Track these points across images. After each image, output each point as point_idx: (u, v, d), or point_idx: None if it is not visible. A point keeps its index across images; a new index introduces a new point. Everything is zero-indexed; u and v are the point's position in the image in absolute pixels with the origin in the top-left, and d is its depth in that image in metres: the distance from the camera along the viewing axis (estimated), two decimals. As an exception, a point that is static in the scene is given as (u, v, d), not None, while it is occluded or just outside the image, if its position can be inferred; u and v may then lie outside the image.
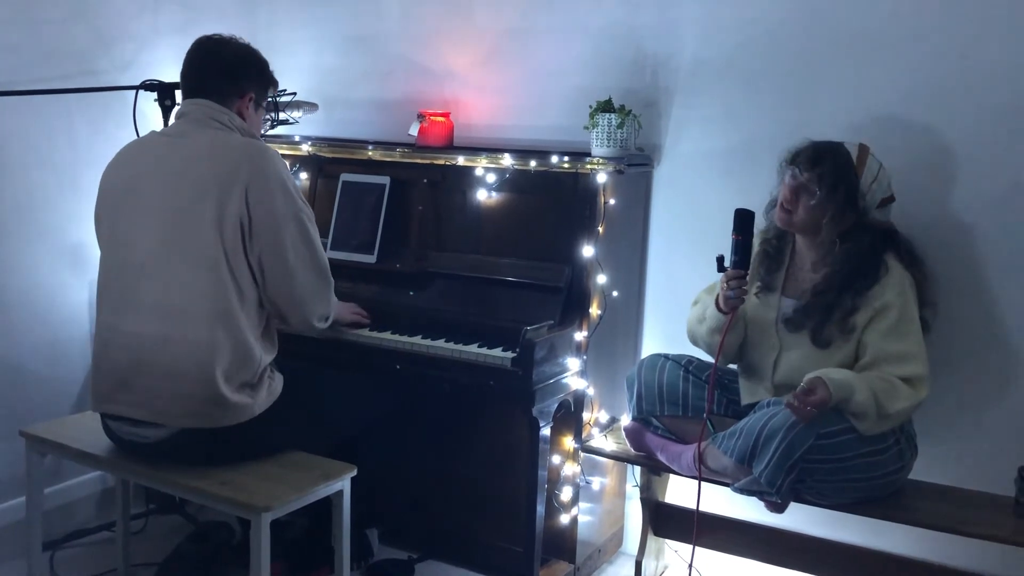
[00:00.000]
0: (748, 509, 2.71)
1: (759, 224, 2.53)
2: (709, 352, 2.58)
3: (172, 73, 2.56)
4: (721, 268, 2.46)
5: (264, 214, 2.30)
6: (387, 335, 2.76)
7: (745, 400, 2.61)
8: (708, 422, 2.53)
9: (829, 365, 2.42)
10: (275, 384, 2.43)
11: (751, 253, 2.48)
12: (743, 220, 2.44)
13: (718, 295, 2.49)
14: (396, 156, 3.09)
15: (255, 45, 2.53)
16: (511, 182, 2.90)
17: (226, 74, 2.44)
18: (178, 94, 2.65)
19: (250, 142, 2.39)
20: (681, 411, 2.60)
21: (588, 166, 2.77)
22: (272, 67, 2.56)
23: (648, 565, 2.84)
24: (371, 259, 3.01)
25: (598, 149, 2.83)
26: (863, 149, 2.45)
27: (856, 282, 2.41)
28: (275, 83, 2.61)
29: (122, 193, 2.38)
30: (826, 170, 2.40)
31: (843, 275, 2.42)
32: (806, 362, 2.46)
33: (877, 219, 2.45)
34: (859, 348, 2.42)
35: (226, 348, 2.28)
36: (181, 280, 2.28)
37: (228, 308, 2.28)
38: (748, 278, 2.48)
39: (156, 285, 2.29)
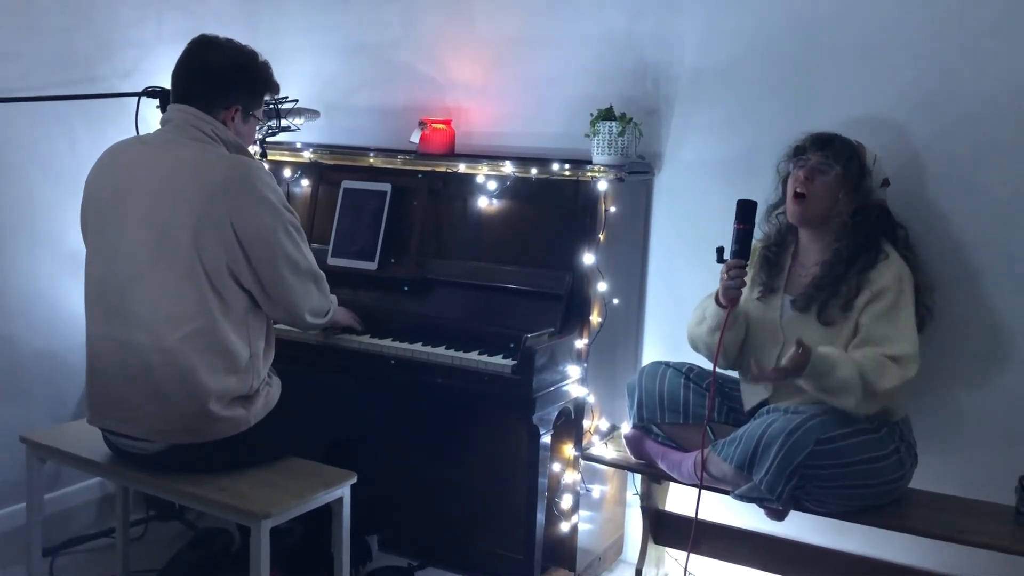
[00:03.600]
0: (748, 517, 2.70)
1: (756, 234, 2.54)
2: (709, 354, 2.59)
3: (174, 80, 2.56)
4: (721, 259, 2.47)
5: (253, 233, 2.27)
6: (388, 342, 2.76)
7: (747, 403, 2.61)
8: (708, 429, 2.53)
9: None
10: (272, 392, 2.43)
11: (752, 243, 2.49)
12: (746, 209, 2.46)
13: (718, 290, 2.50)
14: (397, 163, 3.09)
15: (257, 51, 2.49)
16: (512, 189, 2.90)
17: (213, 83, 2.37)
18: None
19: (234, 160, 2.33)
20: (682, 419, 2.60)
21: (589, 174, 2.78)
22: (274, 73, 2.52)
23: (648, 573, 2.83)
24: (372, 266, 3.01)
25: (599, 157, 2.84)
26: (859, 143, 2.52)
27: (860, 257, 2.44)
28: (275, 88, 2.55)
29: (106, 203, 2.35)
30: (837, 148, 2.47)
31: (850, 249, 2.45)
32: None
33: (880, 198, 2.52)
34: (856, 331, 2.43)
35: (213, 363, 2.26)
36: (166, 293, 2.26)
37: (212, 322, 2.26)
38: (748, 278, 2.50)
39: (143, 296, 2.27)
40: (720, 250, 2.47)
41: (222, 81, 2.38)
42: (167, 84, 2.97)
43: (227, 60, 2.40)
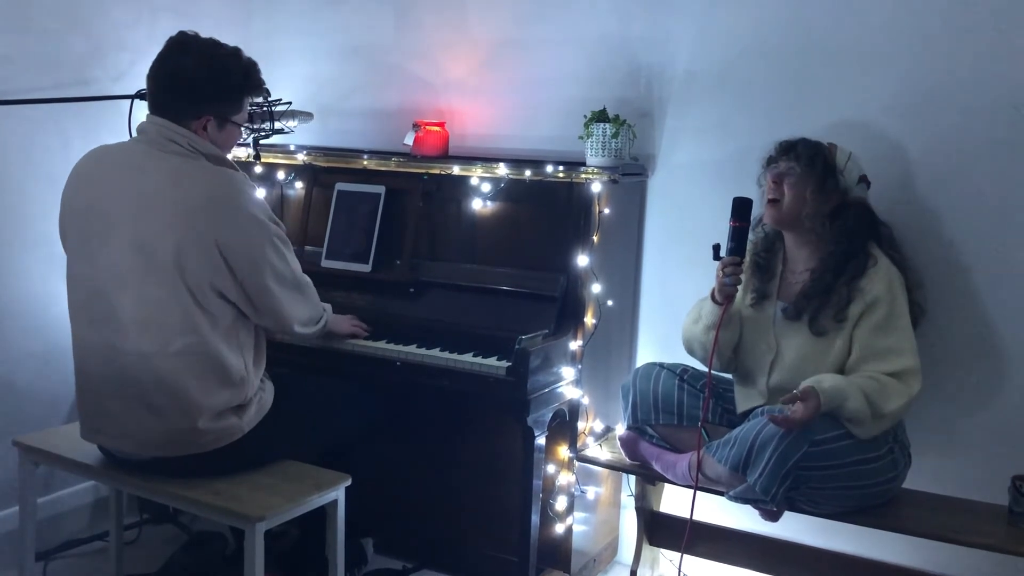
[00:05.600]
0: (743, 518, 2.71)
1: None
2: (704, 355, 2.59)
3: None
4: (717, 256, 2.49)
5: (240, 251, 2.24)
6: (382, 344, 2.76)
7: (740, 407, 2.62)
8: (703, 431, 2.53)
9: (825, 359, 2.44)
10: (265, 397, 2.42)
11: (747, 241, 2.51)
12: (741, 207, 2.47)
13: (714, 288, 2.51)
14: (391, 165, 3.09)
15: (250, 55, 2.42)
16: (506, 191, 2.91)
17: (181, 93, 2.27)
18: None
19: (215, 176, 2.27)
20: (676, 420, 2.61)
21: (583, 175, 2.78)
22: (267, 75, 2.46)
23: (643, 575, 2.83)
24: (366, 268, 3.01)
25: (593, 159, 2.84)
26: (830, 144, 2.53)
27: (848, 264, 2.45)
28: (258, 89, 2.42)
29: (86, 217, 2.30)
30: (800, 150, 2.50)
31: (837, 256, 2.46)
32: (803, 361, 2.47)
33: (859, 196, 2.52)
34: (850, 344, 2.44)
35: (205, 377, 2.25)
36: (153, 310, 2.22)
37: (201, 338, 2.24)
38: (742, 282, 2.51)
39: (131, 314, 2.24)
40: (716, 247, 2.49)
41: (191, 91, 2.27)
42: (160, 87, 2.97)
43: (198, 68, 2.26)
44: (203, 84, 2.28)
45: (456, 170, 2.97)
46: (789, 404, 2.32)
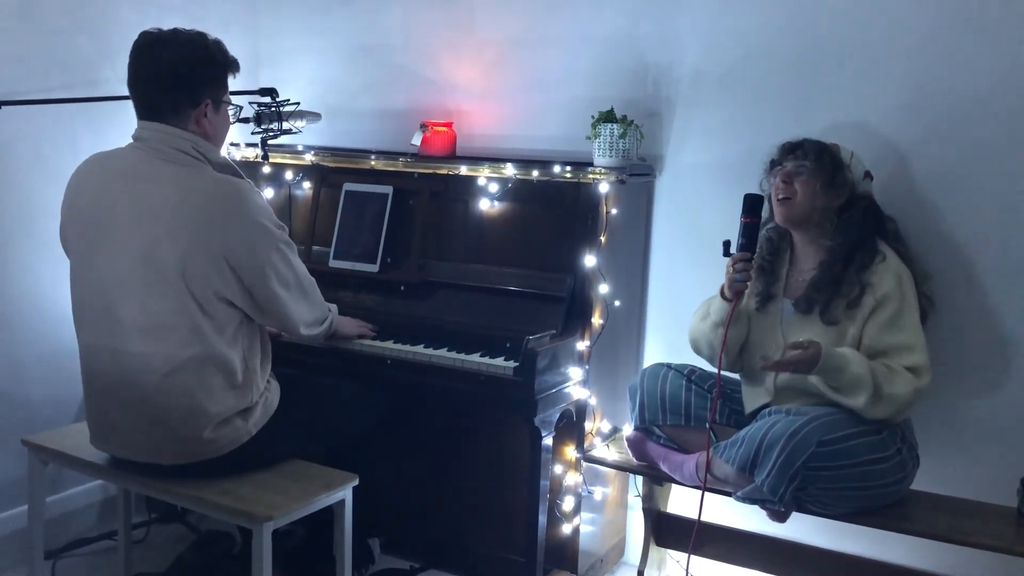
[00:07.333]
0: (750, 519, 2.70)
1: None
2: (711, 353, 2.59)
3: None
4: (727, 252, 2.48)
5: (246, 261, 2.23)
6: (389, 344, 2.77)
7: (748, 407, 2.61)
8: (711, 431, 2.53)
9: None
10: (271, 398, 2.42)
11: (758, 237, 2.50)
12: (752, 203, 2.47)
13: (723, 284, 2.51)
14: (399, 166, 3.10)
15: (258, 55, 2.43)
16: (513, 192, 2.91)
17: (175, 86, 2.23)
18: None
19: (220, 185, 2.23)
20: (683, 421, 2.61)
21: (590, 176, 2.78)
22: (274, 76, 2.47)
23: (650, 575, 2.83)
24: (373, 268, 3.02)
25: (600, 159, 2.84)
26: (833, 144, 2.54)
27: (857, 253, 2.46)
28: (235, 65, 2.36)
29: (89, 224, 2.28)
30: (807, 148, 2.51)
31: (845, 247, 2.47)
32: None
33: (865, 190, 2.53)
34: (860, 339, 2.43)
35: (211, 385, 2.25)
36: (158, 323, 2.21)
37: (208, 347, 2.23)
38: (752, 278, 2.51)
39: (134, 311, 2.23)
40: (727, 244, 2.49)
41: (184, 81, 2.24)
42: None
43: (179, 58, 2.24)
44: (191, 70, 2.25)
45: (463, 170, 2.98)
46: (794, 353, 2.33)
